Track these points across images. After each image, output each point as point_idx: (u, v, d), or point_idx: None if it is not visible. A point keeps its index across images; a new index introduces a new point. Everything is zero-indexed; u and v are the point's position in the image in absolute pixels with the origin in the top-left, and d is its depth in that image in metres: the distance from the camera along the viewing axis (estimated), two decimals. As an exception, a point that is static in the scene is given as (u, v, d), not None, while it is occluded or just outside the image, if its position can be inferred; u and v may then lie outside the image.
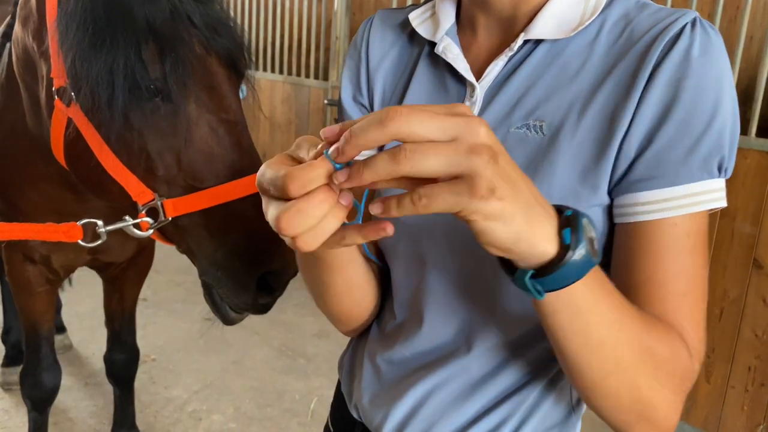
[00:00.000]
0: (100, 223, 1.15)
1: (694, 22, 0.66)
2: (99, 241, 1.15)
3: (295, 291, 4.10)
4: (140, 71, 1.03)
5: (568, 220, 0.50)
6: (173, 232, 1.17)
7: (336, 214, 0.46)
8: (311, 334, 3.44)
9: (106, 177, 1.13)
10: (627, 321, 0.57)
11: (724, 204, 0.65)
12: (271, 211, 0.47)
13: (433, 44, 0.78)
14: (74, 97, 1.10)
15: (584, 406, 0.81)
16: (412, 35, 0.82)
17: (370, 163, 0.44)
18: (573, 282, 0.51)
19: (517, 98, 0.72)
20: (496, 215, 0.45)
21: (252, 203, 1.09)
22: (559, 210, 0.52)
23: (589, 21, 0.69)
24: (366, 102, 0.84)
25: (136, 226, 1.13)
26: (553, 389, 0.78)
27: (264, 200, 0.49)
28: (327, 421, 1.00)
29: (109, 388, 2.82)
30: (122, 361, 2.10)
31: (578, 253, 0.49)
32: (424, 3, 0.84)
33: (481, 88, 0.73)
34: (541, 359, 0.76)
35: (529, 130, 0.70)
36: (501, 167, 0.45)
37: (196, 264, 1.21)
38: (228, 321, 1.27)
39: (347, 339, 0.95)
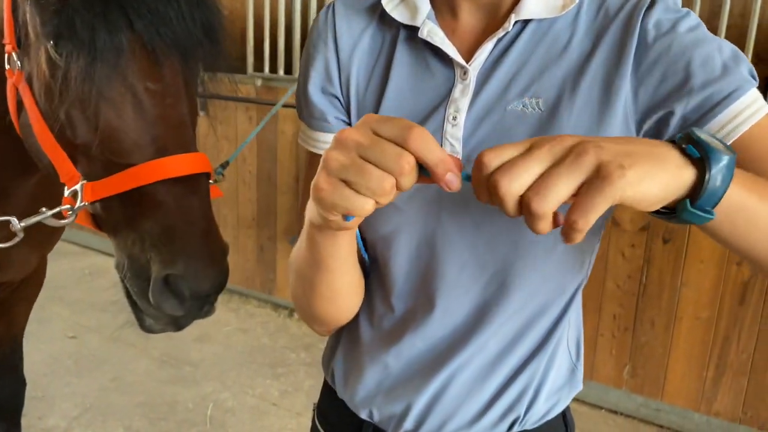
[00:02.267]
0: (14, 221, 1.05)
1: None
2: (14, 240, 1.06)
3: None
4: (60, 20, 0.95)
5: (685, 139, 0.54)
6: (95, 215, 1.08)
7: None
8: (192, 339, 3.27)
9: (44, 154, 1.04)
10: None
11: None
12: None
13: (409, 28, 0.79)
14: (19, 63, 1.04)
15: (582, 358, 0.88)
16: (382, 19, 0.81)
17: (537, 222, 0.50)
18: (729, 184, 0.53)
19: (511, 77, 0.74)
20: (638, 180, 0.49)
21: (171, 191, 1.01)
22: (672, 141, 0.55)
23: (578, 0, 0.74)
24: (337, 91, 0.81)
25: (58, 215, 1.04)
26: (558, 351, 0.82)
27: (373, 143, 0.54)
28: (316, 426, 0.96)
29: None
30: (10, 392, 1.86)
31: (715, 158, 0.52)
32: None
33: (472, 70, 0.75)
34: (550, 326, 0.80)
35: (526, 107, 0.73)
36: (606, 147, 0.49)
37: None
38: (143, 327, 1.13)
39: (231, 340, 0.92)
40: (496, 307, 0.77)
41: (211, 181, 1.09)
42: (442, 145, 0.74)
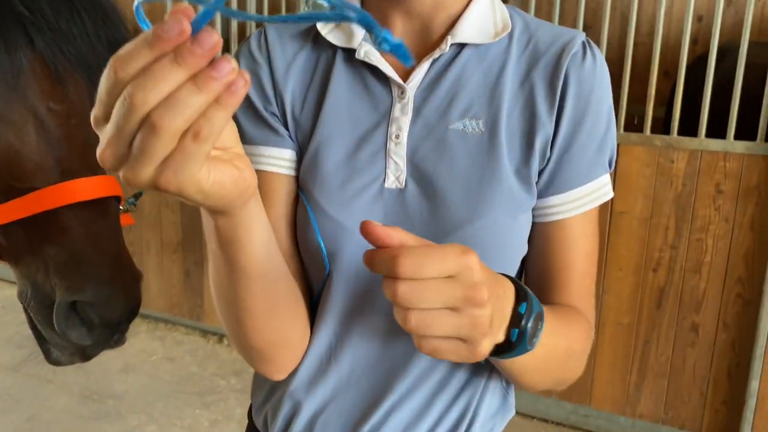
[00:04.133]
0: None
1: (588, 41, 0.78)
2: None
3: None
4: None
5: (518, 318, 0.60)
6: None
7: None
8: (116, 371, 3.14)
9: None
10: (565, 338, 0.71)
11: (612, 194, 0.80)
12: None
13: (346, 51, 0.79)
14: None
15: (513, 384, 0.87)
16: (316, 41, 0.81)
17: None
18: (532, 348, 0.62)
19: (451, 97, 0.77)
20: (488, 347, 0.56)
21: (78, 215, 0.96)
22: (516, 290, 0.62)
23: (509, 30, 0.77)
24: (275, 110, 0.80)
25: None
26: (493, 375, 0.82)
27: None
28: None
29: None
30: None
31: (521, 350, 0.61)
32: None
33: (410, 90, 0.77)
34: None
35: (467, 127, 0.75)
36: (491, 303, 0.54)
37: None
38: (50, 359, 1.06)
39: (157, 370, 0.89)
40: None
41: (121, 207, 1.05)
42: (386, 164, 0.76)
